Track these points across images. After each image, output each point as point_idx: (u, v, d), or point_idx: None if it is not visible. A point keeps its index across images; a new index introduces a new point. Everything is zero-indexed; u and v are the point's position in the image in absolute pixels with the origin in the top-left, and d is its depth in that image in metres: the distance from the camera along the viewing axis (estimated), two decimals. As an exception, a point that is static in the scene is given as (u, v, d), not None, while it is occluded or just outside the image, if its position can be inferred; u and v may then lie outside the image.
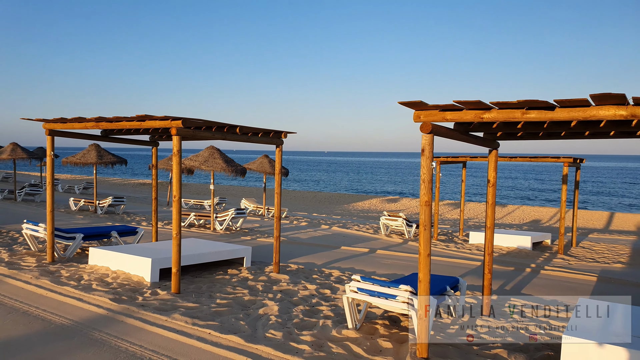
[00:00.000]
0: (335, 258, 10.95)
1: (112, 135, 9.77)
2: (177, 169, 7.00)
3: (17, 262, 8.77)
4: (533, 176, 75.98)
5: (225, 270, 8.98)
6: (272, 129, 8.44)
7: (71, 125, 8.28)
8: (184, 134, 7.03)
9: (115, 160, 17.91)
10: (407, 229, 14.33)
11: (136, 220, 16.45)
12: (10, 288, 7.22)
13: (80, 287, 7.14)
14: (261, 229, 15.49)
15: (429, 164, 4.81)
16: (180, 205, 7.12)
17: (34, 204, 20.32)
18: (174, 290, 7.10)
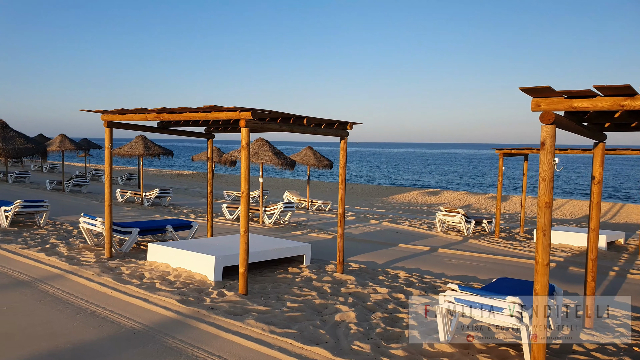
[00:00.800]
0: (396, 257, 10.38)
1: (170, 127, 9.47)
2: (245, 162, 6.56)
3: (77, 256, 8.58)
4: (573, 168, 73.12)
5: (285, 268, 8.56)
6: (337, 120, 7.91)
7: (131, 117, 7.97)
8: (253, 125, 6.58)
9: (161, 151, 17.80)
10: (465, 225, 13.60)
11: (184, 212, 16.28)
12: (74, 285, 6.98)
13: (143, 287, 6.83)
14: (309, 223, 15.06)
15: (551, 159, 4.18)
16: (248, 201, 6.69)
17: (81, 195, 20.52)
18: (241, 291, 6.70)
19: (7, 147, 11.09)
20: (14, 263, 8.16)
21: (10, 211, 11.47)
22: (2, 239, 9.95)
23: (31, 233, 10.86)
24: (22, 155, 11.33)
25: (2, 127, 11.58)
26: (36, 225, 12.00)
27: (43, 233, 10.94)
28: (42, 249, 9.09)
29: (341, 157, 8.29)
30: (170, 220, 10.69)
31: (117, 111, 7.93)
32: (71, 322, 5.52)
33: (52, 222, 12.53)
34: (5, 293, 6.54)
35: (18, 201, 11.49)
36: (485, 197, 36.03)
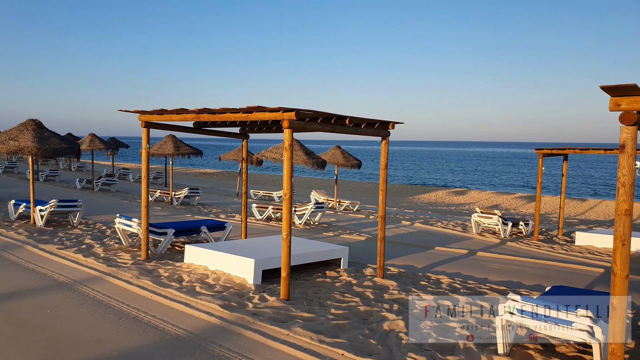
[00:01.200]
0: (435, 260, 10.07)
1: (205, 127, 9.35)
2: (288, 164, 6.36)
3: (113, 258, 8.53)
4: (600, 167, 71.16)
5: (322, 271, 8.35)
6: (378, 119, 7.66)
7: (169, 117, 7.86)
8: (295, 126, 6.37)
9: (191, 151, 17.79)
10: (502, 227, 13.19)
11: (213, 212, 16.23)
12: (113, 288, 6.90)
13: (183, 290, 6.70)
14: (340, 224, 14.83)
15: (632, 163, 3.86)
16: (291, 204, 6.50)
17: (111, 194, 20.70)
18: (284, 296, 6.51)
19: (42, 147, 11.13)
20: (52, 264, 8.15)
21: (45, 211, 11.54)
22: (39, 239, 10.00)
23: (66, 233, 10.90)
24: (57, 155, 11.38)
25: (37, 127, 11.64)
26: (70, 225, 12.07)
27: (77, 233, 10.97)
28: (79, 249, 9.07)
29: (382, 158, 8.03)
30: (204, 220, 10.59)
31: (156, 111, 7.83)
32: (115, 328, 5.41)
33: (85, 222, 12.59)
34: (47, 295, 6.48)
35: (53, 201, 11.55)
36: (513, 197, 35.24)
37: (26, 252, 8.91)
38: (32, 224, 11.86)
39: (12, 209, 12.59)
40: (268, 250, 7.99)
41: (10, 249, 9.10)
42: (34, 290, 6.67)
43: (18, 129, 11.56)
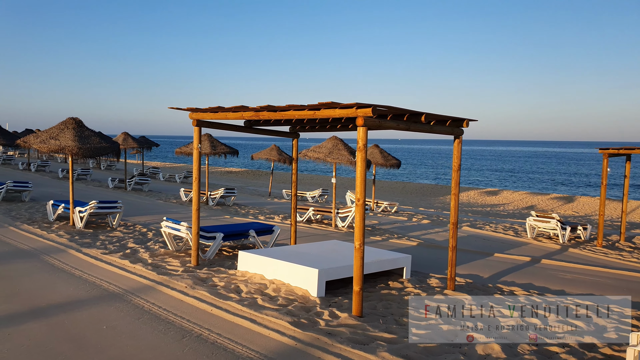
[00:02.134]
0: (499, 269, 9.34)
1: (257, 126, 8.81)
2: (362, 167, 5.74)
3: (161, 264, 8.04)
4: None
5: (385, 282, 7.72)
6: (451, 116, 6.97)
7: (224, 116, 7.33)
8: (371, 124, 5.74)
9: (227, 150, 17.35)
10: (560, 232, 12.34)
11: (251, 213, 15.73)
12: (168, 299, 6.39)
13: (245, 303, 6.14)
14: (384, 227, 14.16)
15: None
16: (364, 209, 5.87)
17: (144, 194, 20.42)
18: (356, 312, 5.89)
19: (83, 147, 10.75)
20: (99, 270, 7.70)
21: (85, 212, 11.17)
22: (81, 242, 9.60)
23: (107, 236, 10.50)
24: (98, 154, 11.00)
25: (78, 126, 11.28)
26: (109, 227, 11.68)
27: (119, 236, 10.57)
28: (124, 255, 8.62)
29: (455, 159, 7.34)
30: (251, 224, 10.06)
31: (210, 109, 7.29)
32: (180, 349, 4.87)
33: (124, 223, 12.20)
34: (100, 307, 6.00)
35: (93, 202, 11.17)
36: (548, 198, 34.03)
37: (70, 257, 8.50)
38: (72, 225, 11.52)
39: (51, 209, 12.28)
40: (329, 259, 7.40)
41: (54, 253, 8.71)
42: (85, 302, 6.19)
43: (58, 128, 11.21)
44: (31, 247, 9.13)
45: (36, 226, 11.15)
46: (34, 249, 8.98)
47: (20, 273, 7.37)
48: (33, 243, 9.52)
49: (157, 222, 12.82)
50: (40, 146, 10.62)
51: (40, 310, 5.80)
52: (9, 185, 15.28)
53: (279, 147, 23.72)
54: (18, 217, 12.43)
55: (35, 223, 11.58)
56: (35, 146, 10.66)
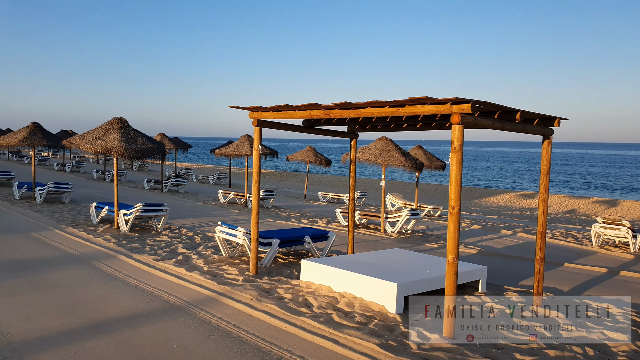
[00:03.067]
0: (577, 282, 8.57)
1: (317, 126, 8.27)
2: (458, 169, 5.11)
3: (219, 272, 7.55)
4: None
5: (460, 295, 7.05)
6: (542, 114, 6.28)
7: (289, 114, 6.79)
8: (467, 121, 5.12)
9: (267, 152, 16.88)
10: (632, 240, 11.44)
11: (293, 216, 15.22)
12: (235, 314, 5.87)
13: (320, 319, 5.57)
14: (435, 233, 13.47)
15: None
16: (459, 219, 5.24)
17: (181, 195, 20.15)
18: (448, 333, 5.27)
19: (130, 148, 10.40)
20: (154, 279, 7.26)
21: (130, 215, 10.81)
22: (130, 247, 9.21)
23: (155, 240, 10.10)
24: (144, 156, 10.63)
25: (123, 126, 10.94)
26: (154, 230, 11.31)
27: (166, 240, 10.17)
28: (178, 261, 8.17)
29: (544, 162, 6.66)
30: (305, 229, 9.52)
31: (276, 108, 6.76)
32: (263, 374, 4.33)
33: (168, 227, 11.82)
34: (165, 322, 5.52)
35: (138, 205, 10.81)
36: (589, 202, 32.67)
37: (122, 264, 8.09)
38: (116, 228, 11.18)
39: (94, 212, 11.99)
40: (403, 271, 6.80)
41: (104, 259, 8.32)
42: (148, 315, 5.73)
43: (104, 128, 10.89)
44: (80, 252, 8.78)
45: (81, 229, 10.84)
46: (83, 254, 8.62)
47: (75, 281, 6.98)
48: (81, 247, 9.17)
49: (201, 226, 12.42)
50: (86, 147, 10.30)
51: (103, 324, 5.35)
52: (50, 186, 15.12)
53: (314, 148, 23.23)
54: (62, 219, 12.18)
55: (80, 226, 11.29)
56: (82, 147, 10.35)
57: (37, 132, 15.34)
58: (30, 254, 8.49)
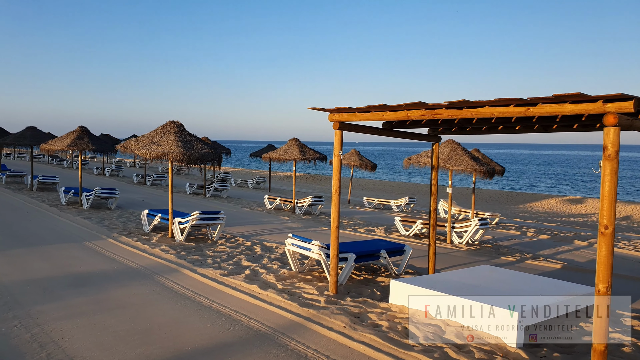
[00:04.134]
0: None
1: (397, 129, 7.48)
2: (613, 179, 4.22)
3: (295, 291, 6.82)
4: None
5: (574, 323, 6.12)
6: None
7: (380, 116, 6.02)
8: (623, 123, 4.23)
9: (317, 156, 16.17)
10: None
11: (345, 224, 14.41)
12: (331, 345, 5.11)
13: (436, 356, 4.76)
14: (503, 244, 12.45)
15: None
16: (613, 240, 4.35)
17: (225, 200, 19.64)
18: (596, 378, 4.37)
19: (187, 153, 9.81)
20: (227, 298, 6.58)
21: (186, 224, 10.24)
22: (190, 259, 8.60)
23: (213, 251, 9.49)
24: (202, 161, 10.03)
25: (179, 130, 10.38)
26: (210, 240, 10.72)
27: (226, 251, 9.54)
28: (246, 277, 7.49)
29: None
30: (379, 242, 8.73)
31: (365, 108, 5.98)
32: None
33: (222, 235, 11.22)
34: (254, 355, 4.80)
35: (195, 213, 10.22)
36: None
37: (187, 279, 7.46)
38: (170, 237, 10.63)
39: (146, 220, 11.48)
40: (514, 295, 5.91)
41: (167, 274, 7.71)
42: (233, 346, 5.02)
43: (159, 132, 10.35)
44: (140, 265, 8.20)
45: (135, 238, 10.32)
46: (144, 268, 8.04)
47: (143, 300, 6.36)
48: (140, 260, 8.60)
49: (256, 234, 11.78)
50: (142, 152, 9.76)
51: (187, 357, 4.67)
52: (97, 192, 14.76)
53: (359, 152, 22.43)
54: (112, 227, 11.72)
55: (132, 235, 10.78)
56: (137, 152, 9.82)
57: (84, 136, 15.03)
58: (89, 267, 7.96)
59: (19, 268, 7.74)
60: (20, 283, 6.94)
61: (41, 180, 19.24)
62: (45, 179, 19.39)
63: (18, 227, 11.41)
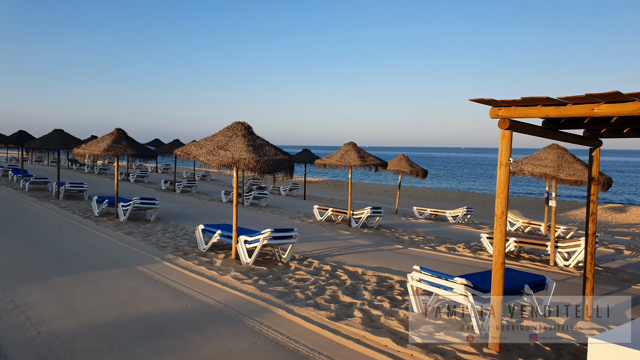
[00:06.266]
0: None
1: (563, 129, 5.75)
2: None
3: (446, 349, 5.09)
4: None
5: None
6: None
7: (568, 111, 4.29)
8: None
9: (378, 162, 14.44)
10: None
11: (416, 240, 12.66)
12: None
13: None
14: (614, 266, 10.63)
15: None
16: None
17: (267, 210, 17.96)
18: None
19: (261, 159, 8.17)
20: (352, 356, 4.87)
21: (255, 243, 8.58)
22: (276, 292, 6.91)
23: (294, 279, 7.86)
24: (277, 170, 8.39)
25: (248, 133, 8.77)
26: (279, 261, 9.07)
27: (307, 278, 7.93)
28: (363, 323, 5.79)
29: None
30: (520, 274, 6.93)
31: (547, 100, 4.25)
32: None
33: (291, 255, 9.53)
34: None
35: (267, 231, 8.56)
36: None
37: (287, 324, 5.77)
38: (234, 259, 8.99)
39: (202, 237, 9.85)
40: None
41: (258, 316, 6.02)
42: None
43: (225, 135, 8.71)
44: (217, 302, 6.53)
45: (195, 261, 8.67)
46: (224, 305, 6.36)
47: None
48: (213, 292, 6.93)
49: (327, 254, 10.09)
50: (208, 159, 8.13)
51: None
52: (136, 202, 13.17)
53: (407, 157, 20.70)
54: (162, 245, 10.08)
55: (190, 256, 9.14)
56: (202, 159, 8.19)
57: (121, 139, 13.46)
58: (156, 305, 6.29)
59: (69, 307, 6.10)
60: (77, 331, 5.29)
61: (68, 187, 17.72)
62: (73, 186, 17.87)
63: (54, 245, 9.82)
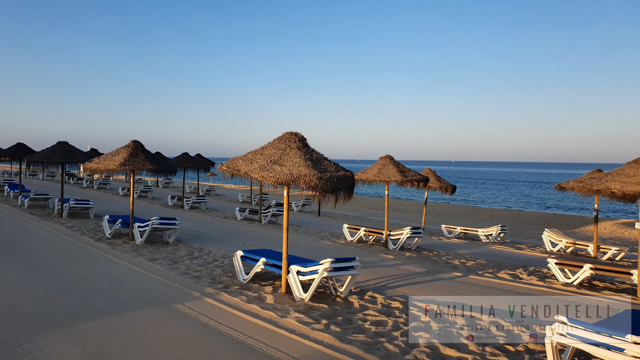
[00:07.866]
0: None
1: None
2: None
3: None
4: None
5: None
6: None
7: None
8: None
9: (418, 177, 13.19)
10: None
11: (469, 265, 11.39)
12: None
13: None
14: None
15: None
16: None
17: (290, 229, 16.52)
18: None
19: (324, 176, 6.89)
20: None
21: (311, 275, 7.29)
22: (357, 342, 5.60)
23: (366, 320, 6.49)
24: (340, 188, 7.10)
25: (303, 145, 7.54)
26: (336, 295, 7.75)
27: (381, 319, 6.57)
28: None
29: None
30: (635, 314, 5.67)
31: None
32: None
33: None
34: None
35: (326, 261, 7.26)
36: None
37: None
38: (284, 293, 7.67)
39: (241, 265, 8.53)
40: None
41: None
42: None
43: (277, 148, 7.44)
44: (289, 356, 5.20)
45: (241, 297, 7.33)
46: (302, 363, 5.03)
47: None
48: (280, 343, 5.60)
49: (382, 284, 8.78)
50: (262, 175, 6.85)
51: None
52: (155, 223, 11.80)
53: (434, 171, 19.52)
54: (194, 274, 8.74)
55: (232, 289, 7.81)
56: (255, 175, 6.91)
57: (138, 152, 12.13)
58: (217, 363, 4.94)
59: (107, 368, 4.74)
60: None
61: (73, 204, 16.30)
62: (78, 203, 16.45)
63: (70, 276, 8.43)
